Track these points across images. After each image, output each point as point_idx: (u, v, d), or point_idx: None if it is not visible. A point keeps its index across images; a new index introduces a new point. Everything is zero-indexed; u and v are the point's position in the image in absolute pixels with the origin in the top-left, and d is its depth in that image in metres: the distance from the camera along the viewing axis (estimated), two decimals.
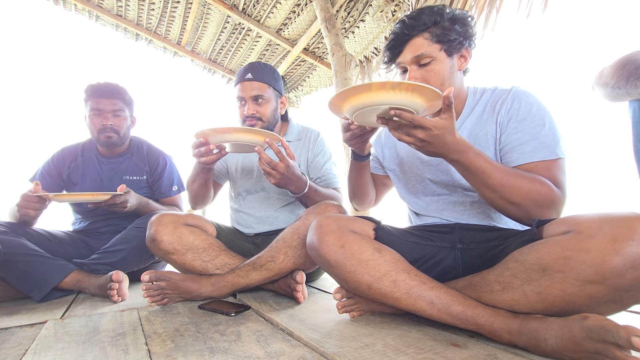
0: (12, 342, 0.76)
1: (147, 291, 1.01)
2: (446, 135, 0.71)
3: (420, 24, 0.86)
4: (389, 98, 0.69)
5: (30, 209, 1.18)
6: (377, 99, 0.70)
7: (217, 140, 1.02)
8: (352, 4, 2.62)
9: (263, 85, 1.27)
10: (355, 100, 0.73)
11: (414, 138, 0.72)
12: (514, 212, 0.77)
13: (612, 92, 0.98)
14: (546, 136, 0.80)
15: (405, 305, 0.74)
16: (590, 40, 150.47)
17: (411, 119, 0.69)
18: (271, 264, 1.06)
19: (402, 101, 0.70)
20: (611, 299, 0.56)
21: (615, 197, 7.64)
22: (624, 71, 0.96)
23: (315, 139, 1.39)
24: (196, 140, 1.04)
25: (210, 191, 1.36)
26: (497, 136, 0.87)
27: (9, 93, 70.44)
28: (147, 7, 2.86)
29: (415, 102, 0.70)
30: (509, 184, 0.74)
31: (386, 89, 0.68)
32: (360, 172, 1.09)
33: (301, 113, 3.91)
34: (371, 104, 0.71)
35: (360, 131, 0.89)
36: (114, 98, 1.41)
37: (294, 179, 1.08)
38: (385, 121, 0.74)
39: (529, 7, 1.82)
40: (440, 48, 0.86)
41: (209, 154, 1.06)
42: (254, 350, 0.66)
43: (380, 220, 0.94)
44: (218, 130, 0.99)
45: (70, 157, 1.51)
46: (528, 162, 0.80)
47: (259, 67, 1.28)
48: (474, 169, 0.75)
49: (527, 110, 0.83)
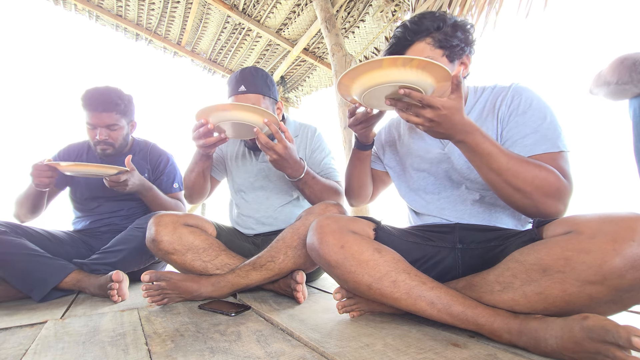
0: (12, 342, 0.76)
1: (147, 291, 1.00)
2: (455, 115, 0.71)
3: (423, 29, 0.85)
4: (400, 76, 0.70)
5: (43, 177, 1.21)
6: (388, 77, 0.70)
7: (217, 119, 1.02)
8: (352, 4, 2.62)
9: (258, 97, 1.22)
10: (365, 78, 0.73)
11: (423, 118, 0.72)
12: (520, 200, 0.75)
13: (616, 89, 0.98)
14: (547, 129, 0.79)
15: (406, 305, 0.74)
16: (590, 39, 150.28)
17: (420, 98, 0.69)
18: (271, 264, 1.06)
19: (412, 79, 0.70)
20: (611, 300, 0.56)
21: (616, 197, 7.64)
22: (622, 67, 0.96)
23: (313, 135, 1.38)
24: (197, 122, 1.04)
25: (207, 183, 1.35)
26: (498, 132, 0.86)
27: (9, 93, 70.38)
28: (147, 7, 2.86)
29: (425, 82, 0.71)
30: (514, 167, 0.73)
31: (397, 66, 0.68)
32: (361, 163, 1.09)
33: (301, 113, 3.91)
34: (382, 82, 0.72)
35: (363, 116, 0.91)
36: (108, 111, 1.38)
37: (291, 162, 1.07)
38: (394, 102, 0.75)
39: (529, 6, 1.82)
40: (442, 54, 0.86)
41: (208, 134, 1.05)
42: (254, 350, 0.66)
43: (380, 221, 0.94)
44: (218, 107, 0.99)
45: (75, 154, 1.53)
46: (530, 155, 0.79)
47: (251, 77, 1.22)
48: (479, 150, 0.74)
49: (527, 104, 0.83)
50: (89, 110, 1.37)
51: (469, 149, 0.76)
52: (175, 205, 1.51)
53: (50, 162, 1.20)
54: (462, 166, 0.91)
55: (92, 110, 1.37)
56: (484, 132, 0.75)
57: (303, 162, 1.14)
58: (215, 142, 1.08)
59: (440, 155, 0.96)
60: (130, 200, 1.52)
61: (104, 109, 1.37)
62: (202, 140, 1.07)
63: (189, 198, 1.38)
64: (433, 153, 0.97)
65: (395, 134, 1.12)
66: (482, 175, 0.79)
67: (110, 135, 1.41)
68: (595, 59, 6.39)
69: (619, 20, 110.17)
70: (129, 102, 1.47)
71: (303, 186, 1.18)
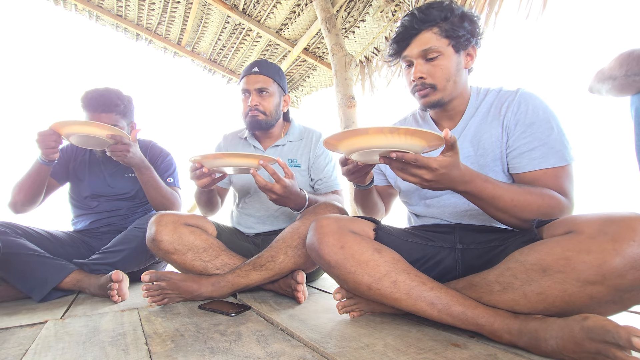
0: (13, 342, 0.76)
1: (147, 291, 1.01)
2: (452, 171, 0.68)
3: (431, 18, 0.85)
4: (387, 143, 0.65)
5: (50, 141, 1.21)
6: (375, 143, 0.66)
7: (211, 165, 1.01)
8: (352, 4, 2.62)
9: (267, 79, 1.29)
10: (352, 142, 0.69)
11: (420, 178, 0.69)
12: (525, 226, 0.77)
13: (623, 81, 0.97)
14: (555, 141, 0.80)
15: (406, 305, 0.73)
16: (589, 39, 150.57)
17: (415, 159, 0.65)
18: (271, 264, 1.06)
19: (401, 145, 0.66)
20: (612, 300, 0.56)
21: (617, 196, 7.65)
22: (631, 58, 0.96)
23: (317, 140, 1.38)
24: (192, 164, 1.03)
25: (217, 202, 1.40)
26: (503, 140, 0.86)
27: (9, 93, 70.61)
28: (147, 7, 2.86)
29: (415, 145, 0.67)
30: (519, 204, 0.74)
31: (384, 134, 0.64)
32: (366, 197, 1.05)
33: (301, 113, 3.91)
34: (369, 148, 0.68)
35: (354, 168, 0.84)
36: (108, 112, 1.38)
37: (292, 197, 1.06)
38: (387, 160, 0.70)
39: (529, 6, 1.82)
40: (448, 43, 0.85)
41: (204, 176, 1.04)
42: (254, 351, 0.66)
43: (380, 221, 0.94)
44: (209, 156, 0.97)
45: (77, 150, 1.54)
46: (537, 169, 0.80)
47: (264, 63, 1.32)
48: (484, 195, 0.74)
49: (535, 114, 0.82)
50: (88, 111, 1.37)
51: (473, 197, 0.75)
52: (171, 193, 1.46)
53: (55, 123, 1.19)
54: None
55: (92, 111, 1.37)
56: (483, 175, 0.74)
57: (304, 193, 1.13)
58: (213, 182, 1.07)
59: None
60: (130, 200, 1.52)
61: (103, 110, 1.37)
62: (199, 182, 1.06)
63: (204, 214, 1.39)
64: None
65: None
66: (489, 214, 0.78)
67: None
68: (594, 58, 6.42)
69: (619, 20, 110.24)
70: (129, 103, 1.46)
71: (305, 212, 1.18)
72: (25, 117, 72.06)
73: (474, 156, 0.90)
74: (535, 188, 0.77)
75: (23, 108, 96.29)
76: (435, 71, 0.86)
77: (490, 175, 0.84)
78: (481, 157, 0.88)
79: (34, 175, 1.31)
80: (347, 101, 2.29)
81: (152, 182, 1.39)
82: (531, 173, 0.81)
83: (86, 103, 1.37)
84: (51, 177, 1.44)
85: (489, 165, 0.87)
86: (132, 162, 1.30)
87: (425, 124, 1.03)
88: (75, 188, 1.51)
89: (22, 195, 1.32)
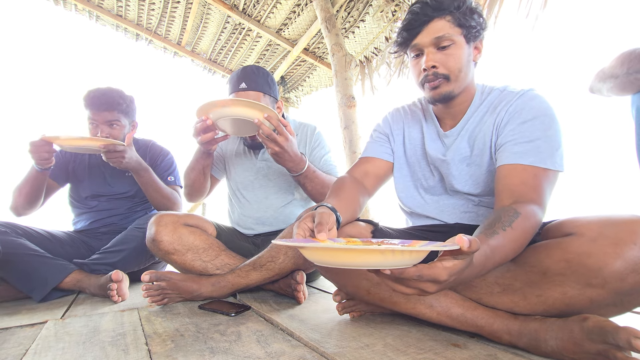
0: (13, 342, 0.76)
1: (147, 291, 1.01)
2: (465, 273, 0.54)
3: (444, 6, 0.81)
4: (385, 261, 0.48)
5: (42, 152, 1.22)
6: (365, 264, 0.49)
7: (217, 115, 1.02)
8: (352, 4, 2.62)
9: (258, 95, 1.21)
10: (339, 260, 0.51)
11: (420, 290, 0.52)
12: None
13: (624, 80, 0.97)
14: (545, 143, 0.73)
15: (405, 308, 0.73)
16: (589, 39, 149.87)
17: (418, 275, 0.49)
18: (271, 264, 1.05)
19: (397, 262, 0.48)
20: (612, 302, 0.56)
21: (616, 197, 7.64)
22: (633, 57, 0.96)
23: (312, 133, 1.38)
24: (198, 120, 1.04)
25: (207, 181, 1.34)
26: (493, 139, 0.82)
27: (9, 93, 70.34)
28: (147, 7, 2.85)
29: (417, 259, 0.51)
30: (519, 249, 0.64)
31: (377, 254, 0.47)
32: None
33: (301, 113, 3.90)
34: (357, 266, 0.50)
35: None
36: (110, 110, 1.39)
37: (292, 155, 1.07)
38: (383, 275, 0.53)
39: (529, 6, 1.82)
40: (461, 32, 0.82)
41: (207, 130, 1.06)
42: (254, 351, 0.66)
43: (378, 223, 0.94)
44: (217, 103, 0.99)
45: (72, 155, 1.53)
46: (516, 162, 0.73)
47: (252, 75, 1.22)
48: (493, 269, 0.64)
49: (530, 115, 0.78)
50: (91, 108, 1.38)
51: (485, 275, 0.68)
52: (171, 193, 1.47)
53: (45, 137, 1.21)
54: (460, 172, 0.90)
55: (95, 109, 1.38)
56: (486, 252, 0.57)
57: (304, 157, 1.13)
58: (213, 137, 1.08)
59: (444, 164, 0.94)
60: (130, 199, 1.52)
61: (106, 108, 1.38)
62: (201, 136, 1.07)
63: (188, 196, 1.37)
64: (435, 156, 0.95)
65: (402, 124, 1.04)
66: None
67: (111, 133, 1.41)
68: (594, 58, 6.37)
69: (618, 20, 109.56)
70: (131, 102, 1.47)
71: (304, 180, 1.16)
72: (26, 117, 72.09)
73: (471, 156, 0.88)
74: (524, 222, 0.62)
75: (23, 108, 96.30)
76: (448, 60, 0.81)
77: (487, 176, 0.84)
78: (477, 157, 0.87)
79: (31, 180, 1.31)
80: (347, 101, 2.29)
81: (151, 183, 1.40)
82: (510, 166, 0.73)
83: (89, 102, 1.38)
84: (51, 179, 1.44)
85: (486, 164, 0.86)
86: (128, 166, 1.31)
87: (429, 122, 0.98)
88: (75, 188, 1.51)
89: (22, 199, 1.33)
